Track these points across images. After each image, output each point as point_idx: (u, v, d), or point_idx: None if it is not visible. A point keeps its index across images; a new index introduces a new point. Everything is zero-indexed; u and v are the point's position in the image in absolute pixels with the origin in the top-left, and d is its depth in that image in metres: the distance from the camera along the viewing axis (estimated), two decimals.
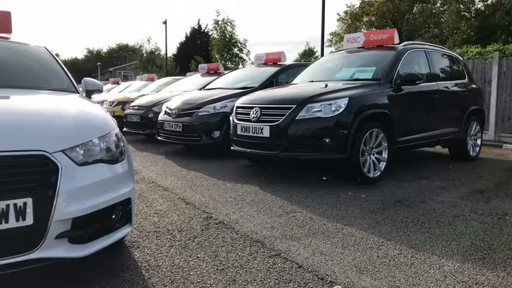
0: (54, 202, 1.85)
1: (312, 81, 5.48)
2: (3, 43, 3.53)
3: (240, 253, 2.60)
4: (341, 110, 4.25)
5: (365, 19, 32.80)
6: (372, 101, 4.61)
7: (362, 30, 30.10)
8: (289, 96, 4.77)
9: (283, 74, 7.10)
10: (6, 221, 1.73)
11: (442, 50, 6.44)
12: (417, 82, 4.97)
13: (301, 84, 5.48)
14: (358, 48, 5.96)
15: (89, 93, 3.39)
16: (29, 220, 1.79)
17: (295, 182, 4.61)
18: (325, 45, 14.21)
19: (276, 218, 3.33)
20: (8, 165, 1.79)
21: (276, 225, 3.15)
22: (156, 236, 2.91)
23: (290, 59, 8.08)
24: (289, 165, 5.53)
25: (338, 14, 33.89)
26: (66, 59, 59.61)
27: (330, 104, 4.29)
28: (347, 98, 4.33)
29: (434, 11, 30.50)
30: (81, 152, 2.05)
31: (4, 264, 1.78)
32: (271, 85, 6.56)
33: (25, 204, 1.78)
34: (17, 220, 1.76)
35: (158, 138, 7.02)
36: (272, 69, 7.30)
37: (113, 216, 2.19)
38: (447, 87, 5.83)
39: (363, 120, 4.36)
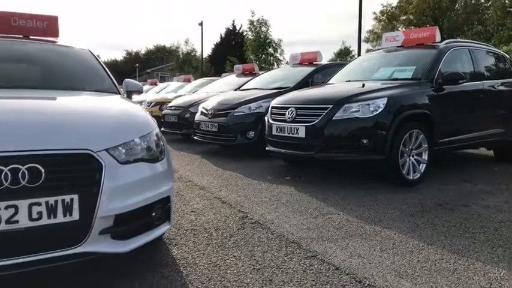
0: (98, 199, 1.92)
1: (349, 81, 5.40)
2: (51, 46, 3.71)
3: (276, 253, 2.60)
4: (380, 110, 4.16)
5: (403, 18, 31.95)
6: (412, 101, 4.48)
7: (400, 29, 29.32)
8: (326, 96, 4.71)
9: (319, 73, 7.03)
10: (55, 216, 1.82)
11: (486, 47, 6.16)
12: (460, 81, 4.78)
13: (338, 84, 5.40)
14: (397, 47, 5.81)
15: (129, 94, 3.49)
16: (75, 216, 1.87)
17: (331, 183, 4.55)
18: (362, 44, 13.97)
19: (311, 219, 3.30)
20: (56, 163, 1.87)
21: (312, 226, 3.12)
22: (193, 234, 2.95)
23: (325, 58, 8.06)
24: (325, 166, 5.47)
25: (374, 13, 33.18)
26: (107, 60, 61.74)
27: (368, 104, 4.20)
28: (386, 98, 4.23)
29: (478, 7, 29.27)
30: (124, 151, 2.11)
31: (52, 257, 1.87)
32: (307, 85, 6.51)
33: (72, 200, 1.85)
34: (65, 215, 1.84)
35: (194, 138, 7.15)
36: (307, 69, 7.26)
37: (153, 214, 2.25)
38: (493, 87, 5.57)
39: (403, 120, 4.25)
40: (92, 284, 2.18)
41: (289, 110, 4.64)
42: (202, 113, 7.03)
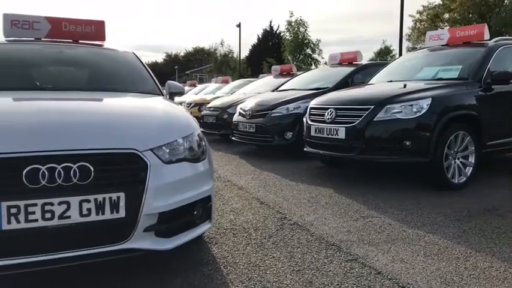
0: (143, 197, 1.98)
1: (391, 81, 5.26)
2: (97, 50, 3.88)
3: (315, 255, 2.58)
4: (423, 111, 4.03)
5: (446, 16, 30.76)
6: (458, 102, 4.31)
7: (443, 28, 28.23)
8: (367, 96, 4.62)
9: (359, 74, 6.90)
10: (103, 213, 1.89)
11: None
12: (511, 81, 4.55)
13: (379, 85, 5.28)
14: (442, 45, 5.60)
15: (172, 96, 3.58)
16: (122, 213, 1.93)
17: (371, 185, 4.46)
18: (403, 43, 13.58)
19: (352, 222, 3.25)
20: (104, 162, 1.94)
21: (352, 229, 3.07)
22: (233, 234, 2.98)
23: (365, 58, 7.85)
24: (365, 169, 5.36)
25: (417, 13, 32.05)
26: (147, 62, 63.67)
27: (411, 105, 4.08)
28: (430, 99, 4.09)
29: None
30: (167, 151, 2.17)
31: (100, 252, 1.94)
32: (346, 86, 6.41)
33: (118, 198, 1.92)
34: (112, 212, 1.91)
35: (232, 138, 7.22)
36: (347, 69, 7.15)
37: (195, 213, 2.29)
38: None
39: (448, 122, 4.09)
40: (136, 280, 2.24)
41: (329, 110, 4.58)
42: (240, 113, 7.09)
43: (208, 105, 9.34)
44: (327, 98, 5.02)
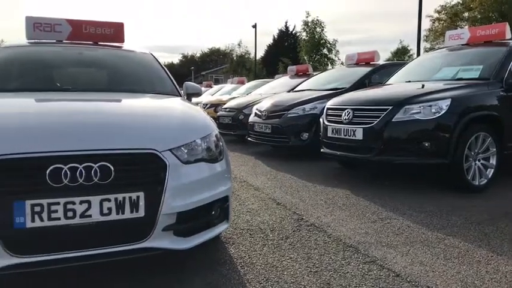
0: (162, 197, 2.00)
1: (409, 82, 5.19)
2: (117, 51, 3.93)
3: (333, 257, 2.56)
4: (443, 112, 3.96)
5: (466, 14, 30.17)
6: (479, 103, 4.23)
7: (462, 27, 27.69)
8: (385, 97, 4.57)
9: (376, 74, 6.83)
10: (123, 212, 1.92)
11: None
12: None
13: (397, 85, 5.22)
14: (462, 45, 5.51)
15: (189, 96, 3.61)
16: (141, 212, 1.96)
17: (389, 187, 4.41)
18: (421, 43, 13.39)
19: (369, 223, 3.22)
20: (124, 162, 1.97)
21: (370, 231, 3.04)
22: (250, 234, 2.99)
23: (382, 58, 7.76)
24: (383, 170, 5.30)
25: (436, 12, 31.51)
26: (164, 63, 64.28)
27: (430, 106, 4.02)
28: (449, 99, 4.02)
29: None
30: (186, 151, 2.18)
31: (120, 251, 1.97)
32: (364, 86, 6.35)
33: (138, 197, 1.95)
34: (131, 212, 1.94)
35: (248, 139, 7.23)
36: (364, 70, 7.08)
37: (212, 213, 2.30)
38: None
39: (468, 123, 4.01)
40: (154, 279, 2.27)
41: (346, 111, 4.55)
42: (256, 114, 7.10)
43: (224, 106, 9.38)
44: (344, 98, 4.99)
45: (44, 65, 3.48)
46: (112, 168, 1.90)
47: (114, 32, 4.03)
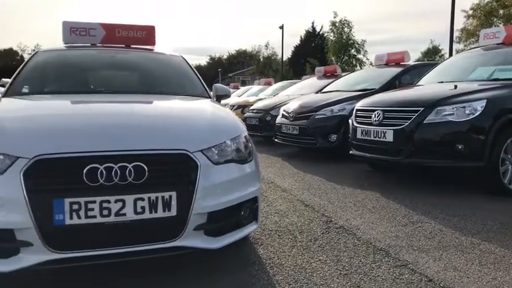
0: (194, 197, 2.03)
1: (441, 82, 5.07)
2: (148, 54, 4.02)
3: (363, 260, 2.53)
4: (477, 113, 3.84)
5: (501, 12, 29.06)
6: None
7: (497, 25, 26.70)
8: (416, 98, 4.48)
9: (407, 74, 6.70)
10: (156, 211, 1.96)
11: None
12: None
13: (429, 86, 5.10)
14: (498, 44, 5.32)
15: (219, 98, 3.64)
16: (173, 211, 1.99)
17: (420, 190, 4.31)
18: (453, 42, 13.01)
19: (400, 227, 3.16)
20: (158, 162, 2.02)
21: (401, 234, 2.98)
22: (278, 235, 2.99)
23: (412, 58, 7.57)
24: (414, 172, 5.19)
25: (465, 11, 30.47)
26: (191, 65, 65.10)
27: (464, 107, 3.90)
28: (484, 100, 3.90)
29: None
30: (216, 152, 2.21)
31: (152, 249, 2.02)
32: (394, 87, 6.24)
33: (170, 197, 1.99)
34: (164, 211, 1.98)
35: (275, 140, 7.23)
36: (394, 70, 6.95)
37: (242, 213, 2.32)
38: None
39: (505, 124, 3.87)
40: (185, 278, 2.30)
41: (376, 112, 4.49)
42: (283, 115, 7.09)
43: (251, 107, 9.43)
44: (374, 99, 4.92)
45: (79, 68, 3.60)
46: (146, 168, 1.95)
47: (146, 35, 4.12)
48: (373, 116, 4.50)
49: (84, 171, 1.87)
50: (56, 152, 1.91)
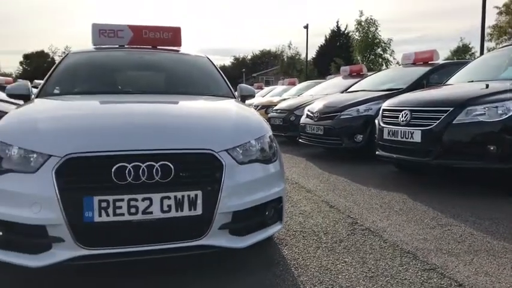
0: (219, 196, 2.04)
1: (472, 82, 4.92)
2: (174, 55, 4.08)
3: (389, 262, 2.48)
4: (510, 113, 3.70)
5: None
6: None
7: None
8: (445, 97, 4.36)
9: (435, 74, 6.53)
10: (182, 210, 1.98)
11: None
12: None
13: (458, 85, 4.96)
14: None
15: (243, 98, 3.66)
16: (199, 210, 2.01)
17: (449, 192, 4.19)
18: (485, 40, 12.59)
19: (428, 229, 3.08)
20: (184, 162, 2.04)
21: (429, 237, 2.91)
22: (303, 236, 2.97)
23: (440, 57, 7.34)
24: (442, 174, 5.06)
25: (497, 7, 29.45)
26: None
27: (496, 107, 3.77)
28: None
29: None
30: (241, 151, 2.22)
31: (178, 247, 2.04)
32: (421, 87, 6.09)
33: (196, 196, 2.00)
34: (190, 209, 2.00)
35: (299, 140, 7.20)
36: (422, 69, 6.79)
37: (266, 213, 2.32)
38: None
39: None
40: (209, 277, 2.32)
41: (403, 112, 4.40)
42: (308, 115, 7.05)
43: (275, 107, 9.41)
44: (401, 99, 4.82)
45: (107, 69, 3.69)
46: (172, 167, 1.97)
47: (172, 36, 4.18)
48: (401, 116, 4.42)
49: (113, 169, 1.91)
50: (86, 151, 1.96)
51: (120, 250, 1.97)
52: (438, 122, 4.01)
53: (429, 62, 7.16)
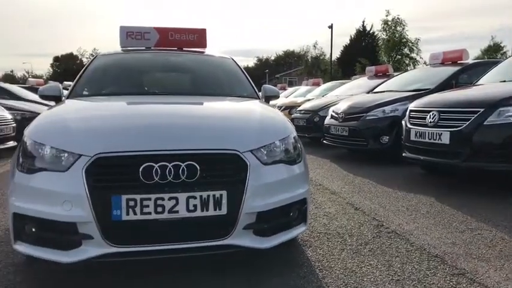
0: (244, 196, 2.05)
1: (504, 81, 4.76)
2: (200, 57, 4.13)
3: (416, 266, 2.43)
4: None
5: None
6: None
7: None
8: (475, 98, 4.23)
9: (465, 74, 6.35)
10: (207, 209, 2.00)
11: None
12: None
13: (489, 85, 4.81)
14: None
15: (267, 99, 3.66)
16: (224, 210, 2.03)
17: (479, 195, 4.07)
18: None
19: (457, 233, 3.00)
20: (209, 162, 2.06)
21: (458, 241, 2.84)
22: (327, 238, 2.95)
23: (470, 56, 7.11)
24: (472, 177, 4.92)
25: None
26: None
27: None
28: None
29: None
30: (265, 152, 2.22)
31: (203, 246, 2.06)
32: (450, 87, 5.93)
33: (221, 196, 2.02)
34: (215, 209, 2.01)
35: (324, 141, 7.13)
36: (451, 69, 6.62)
37: (291, 214, 2.32)
38: None
39: None
40: (234, 278, 2.33)
41: (431, 113, 4.30)
42: (332, 116, 6.98)
43: (299, 108, 9.37)
44: (429, 99, 4.71)
45: (135, 70, 3.76)
46: (198, 167, 1.99)
47: (197, 38, 4.23)
48: (428, 117, 4.32)
49: (140, 169, 1.94)
50: (115, 151, 2.00)
51: (147, 248, 2.01)
52: (468, 123, 3.90)
53: (458, 62, 6.97)
